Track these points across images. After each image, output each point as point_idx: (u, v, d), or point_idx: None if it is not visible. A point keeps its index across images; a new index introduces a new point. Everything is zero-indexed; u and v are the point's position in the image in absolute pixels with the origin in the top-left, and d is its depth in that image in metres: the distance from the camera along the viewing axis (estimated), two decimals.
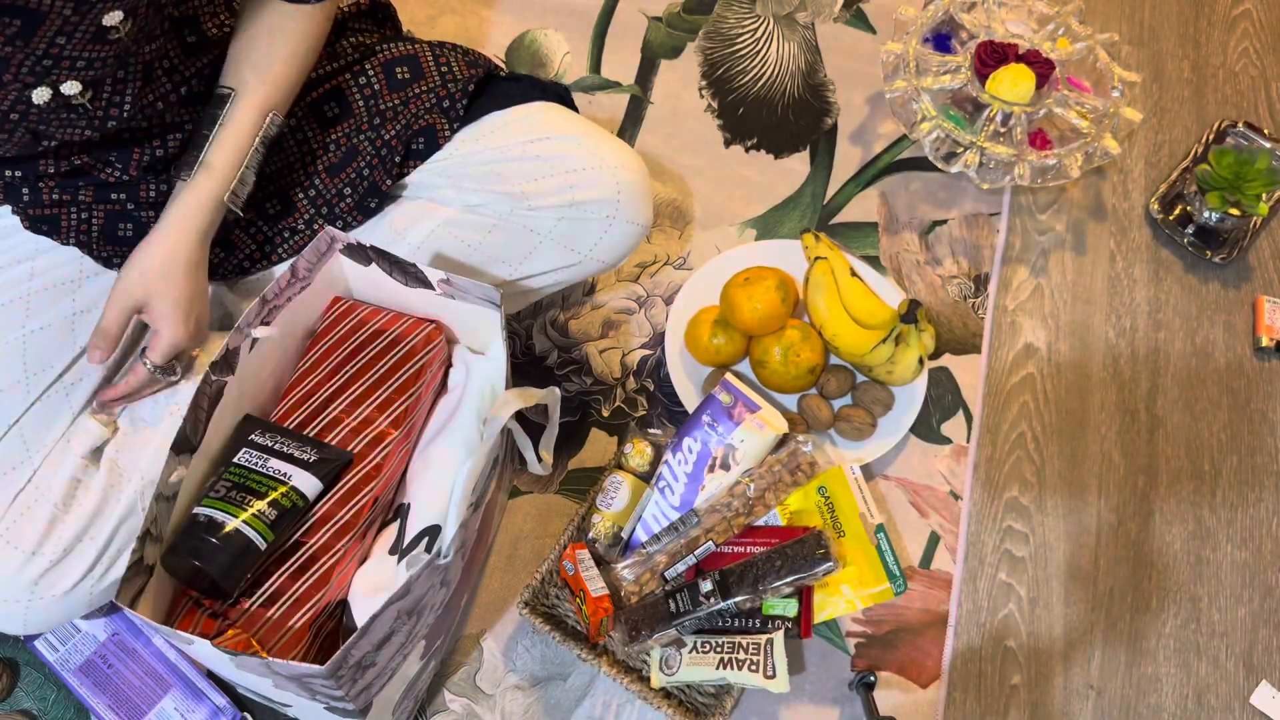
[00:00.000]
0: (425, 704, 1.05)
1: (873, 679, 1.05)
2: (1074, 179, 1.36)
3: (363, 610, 0.87)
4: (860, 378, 1.23)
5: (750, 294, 1.16)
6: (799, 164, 1.43)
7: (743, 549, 1.06)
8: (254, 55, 0.91)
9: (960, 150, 1.35)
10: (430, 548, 0.88)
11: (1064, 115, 1.37)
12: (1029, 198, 1.44)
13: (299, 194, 1.03)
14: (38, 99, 0.78)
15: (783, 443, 1.10)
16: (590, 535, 1.07)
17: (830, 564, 0.98)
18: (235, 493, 0.84)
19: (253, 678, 0.77)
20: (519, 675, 1.07)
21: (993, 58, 1.37)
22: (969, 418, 1.26)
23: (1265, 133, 1.47)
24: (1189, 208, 1.40)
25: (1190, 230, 1.40)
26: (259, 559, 0.83)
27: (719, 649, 0.99)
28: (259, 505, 0.84)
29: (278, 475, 0.86)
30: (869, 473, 1.21)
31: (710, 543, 1.05)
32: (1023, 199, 1.43)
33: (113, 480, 0.92)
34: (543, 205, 1.00)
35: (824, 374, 1.21)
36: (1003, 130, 1.35)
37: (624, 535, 1.08)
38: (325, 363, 0.96)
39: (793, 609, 1.01)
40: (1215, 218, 1.38)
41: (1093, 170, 1.45)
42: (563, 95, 1.08)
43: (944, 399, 1.27)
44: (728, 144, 1.45)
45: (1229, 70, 1.58)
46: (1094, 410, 1.28)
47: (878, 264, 1.36)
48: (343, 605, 0.89)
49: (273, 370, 0.96)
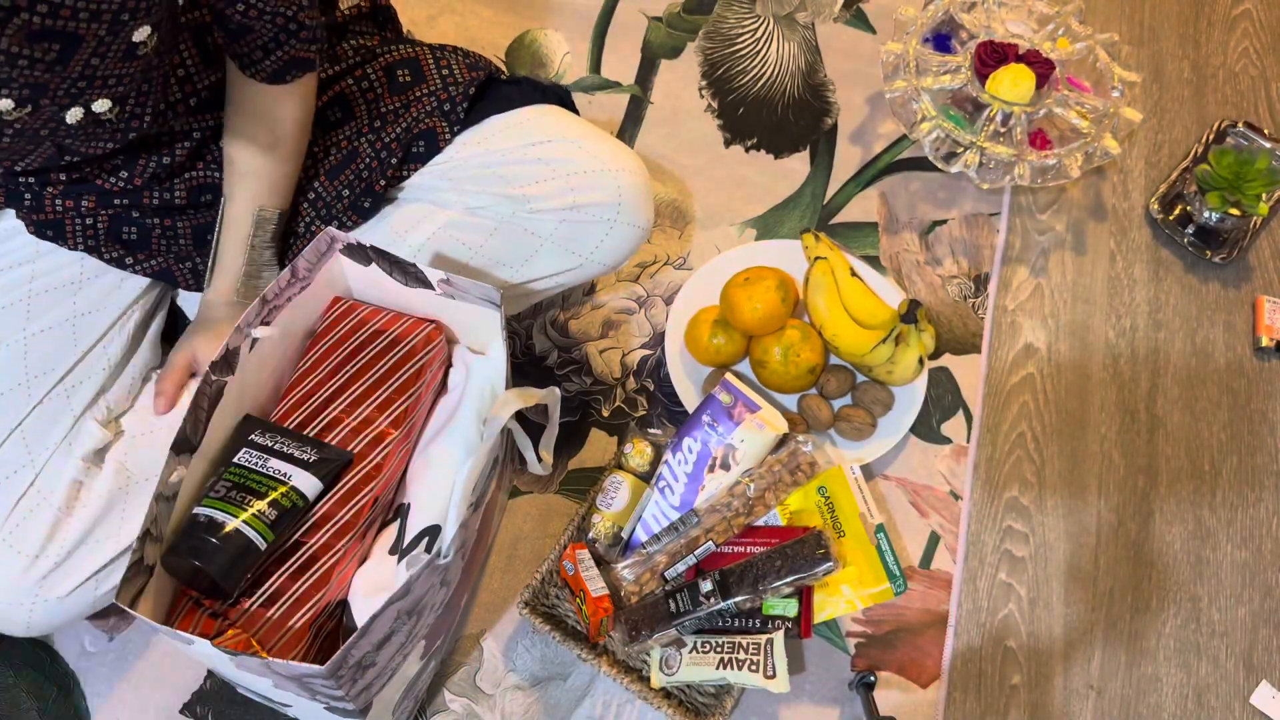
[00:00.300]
0: (425, 704, 1.05)
1: (873, 679, 1.05)
2: (1074, 179, 1.36)
3: (363, 610, 0.87)
4: (860, 378, 1.23)
5: (750, 294, 1.16)
6: (799, 164, 1.43)
7: (743, 549, 1.06)
8: (237, 148, 0.95)
9: (960, 150, 1.35)
10: (430, 548, 0.88)
11: (1064, 115, 1.37)
12: (1029, 198, 1.44)
13: (299, 198, 1.03)
14: (70, 119, 0.79)
15: (783, 443, 1.10)
16: (590, 535, 1.07)
17: (830, 564, 0.99)
18: (235, 493, 0.84)
19: (253, 678, 0.77)
20: (519, 675, 1.07)
21: (993, 58, 1.37)
22: (969, 418, 1.26)
23: (1265, 133, 1.47)
24: (1189, 208, 1.40)
25: (1190, 230, 1.40)
26: (259, 559, 0.83)
27: (719, 649, 0.99)
28: (259, 505, 0.84)
29: (278, 475, 0.86)
30: (869, 473, 1.21)
31: (710, 543, 1.05)
32: (1023, 199, 1.43)
33: (120, 483, 0.92)
34: (544, 208, 1.00)
35: (824, 374, 1.21)
36: (1003, 130, 1.35)
37: (624, 535, 1.08)
38: (325, 363, 0.96)
39: (793, 609, 1.01)
40: (1215, 218, 1.38)
41: (1093, 170, 1.45)
42: (563, 97, 1.07)
43: (944, 399, 1.27)
44: (728, 144, 1.45)
45: (1229, 70, 1.58)
46: (1094, 410, 1.28)
47: (878, 264, 1.36)
48: (343, 605, 0.89)
49: (273, 370, 0.96)
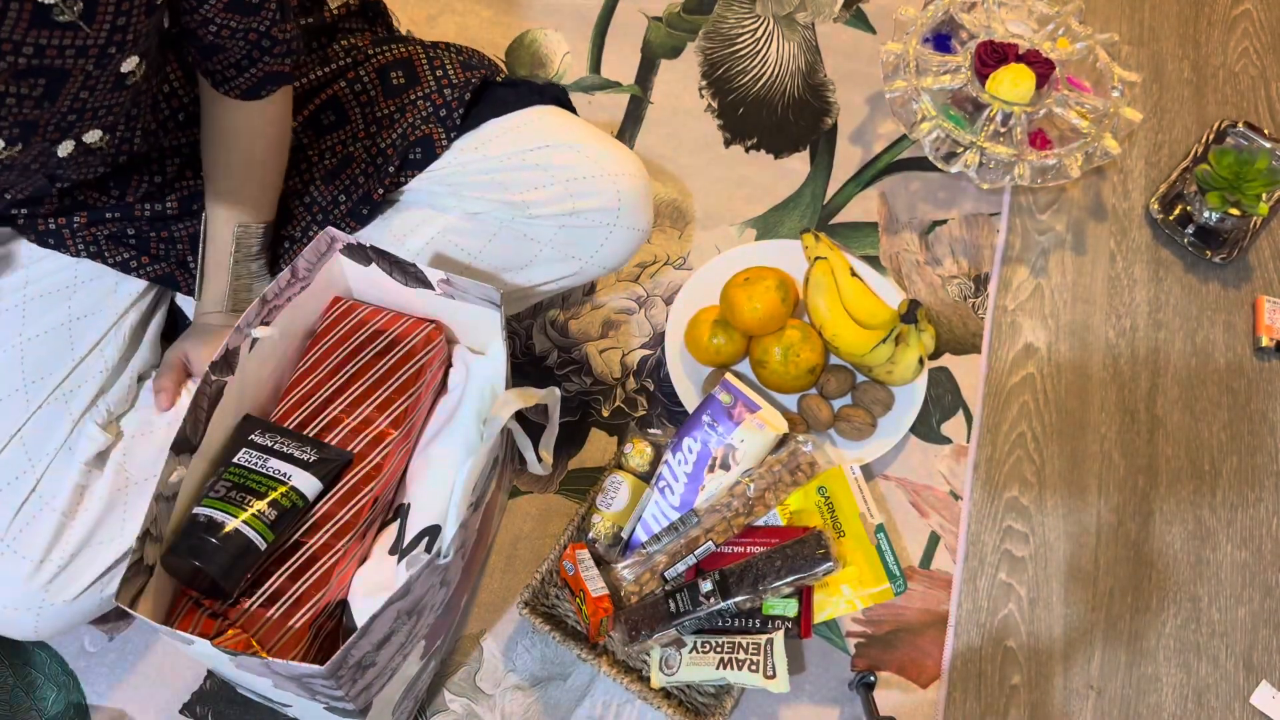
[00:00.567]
0: (425, 704, 1.05)
1: (873, 679, 1.05)
2: (1074, 179, 1.36)
3: (363, 610, 0.87)
4: (860, 378, 1.23)
5: (750, 294, 1.16)
6: (799, 164, 1.43)
7: (743, 549, 1.06)
8: (214, 167, 0.95)
9: (960, 150, 1.35)
10: (430, 548, 0.88)
11: (1064, 115, 1.37)
12: (1029, 198, 1.44)
13: (296, 203, 1.03)
14: (62, 152, 0.80)
15: (783, 443, 1.10)
16: (590, 535, 1.07)
17: (830, 564, 0.99)
18: (235, 493, 0.84)
19: (252, 678, 0.77)
20: (519, 675, 1.07)
21: (993, 58, 1.37)
22: (969, 418, 1.26)
23: (1265, 133, 1.47)
24: (1189, 208, 1.40)
25: (1190, 230, 1.40)
26: (259, 559, 0.83)
27: (719, 649, 0.99)
28: (259, 505, 0.84)
29: (277, 475, 0.86)
30: (869, 473, 1.21)
31: (710, 543, 1.05)
32: (1023, 199, 1.43)
33: (119, 484, 0.92)
34: (543, 214, 1.00)
35: (824, 374, 1.21)
36: (1003, 130, 1.35)
37: (624, 535, 1.08)
38: (325, 363, 0.96)
39: (793, 609, 1.01)
40: (1215, 218, 1.38)
41: (1093, 170, 1.45)
42: (560, 98, 1.07)
43: (944, 399, 1.27)
44: (728, 144, 1.45)
45: (1229, 70, 1.58)
46: (1094, 410, 1.28)
47: (878, 264, 1.36)
48: (343, 605, 0.89)
49: (273, 370, 0.96)
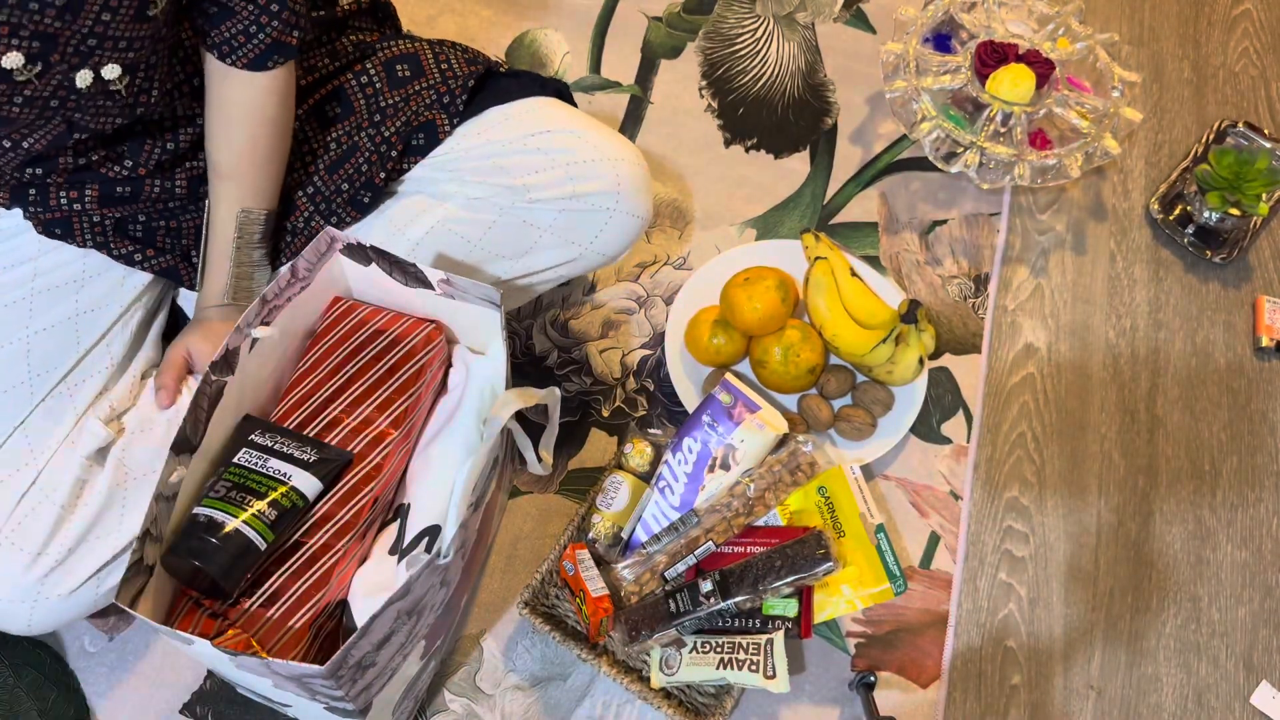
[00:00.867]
0: (425, 704, 1.05)
1: (873, 679, 1.05)
2: (1074, 179, 1.36)
3: (363, 610, 0.87)
4: (860, 378, 1.23)
5: (750, 294, 1.16)
6: (799, 164, 1.43)
7: (743, 549, 1.06)
8: (218, 149, 0.95)
9: (960, 150, 1.35)
10: (430, 548, 0.88)
11: (1064, 115, 1.37)
12: (1029, 198, 1.44)
13: (299, 193, 1.03)
14: (80, 82, 0.80)
15: (783, 443, 1.10)
16: (590, 535, 1.07)
17: (830, 564, 0.98)
18: (235, 493, 0.84)
19: (253, 678, 0.77)
20: (519, 675, 1.07)
21: (993, 58, 1.37)
22: (969, 418, 1.26)
23: (1265, 133, 1.47)
24: (1189, 208, 1.40)
25: (1190, 230, 1.40)
26: (259, 559, 0.83)
27: (719, 649, 0.99)
28: (259, 505, 0.84)
29: (278, 475, 0.86)
30: (869, 473, 1.21)
31: (710, 543, 1.05)
32: (1023, 199, 1.43)
33: (118, 480, 0.92)
34: (543, 197, 1.01)
35: (824, 374, 1.21)
36: (1003, 130, 1.35)
37: (624, 535, 1.08)
38: (325, 363, 0.96)
39: (793, 609, 1.01)
40: (1215, 218, 1.38)
41: (1093, 170, 1.45)
42: (562, 91, 1.08)
43: (944, 399, 1.27)
44: (728, 144, 1.45)
45: (1229, 70, 1.58)
46: (1094, 410, 1.28)
47: (878, 264, 1.36)
48: (343, 605, 0.89)
49: (273, 370, 0.96)
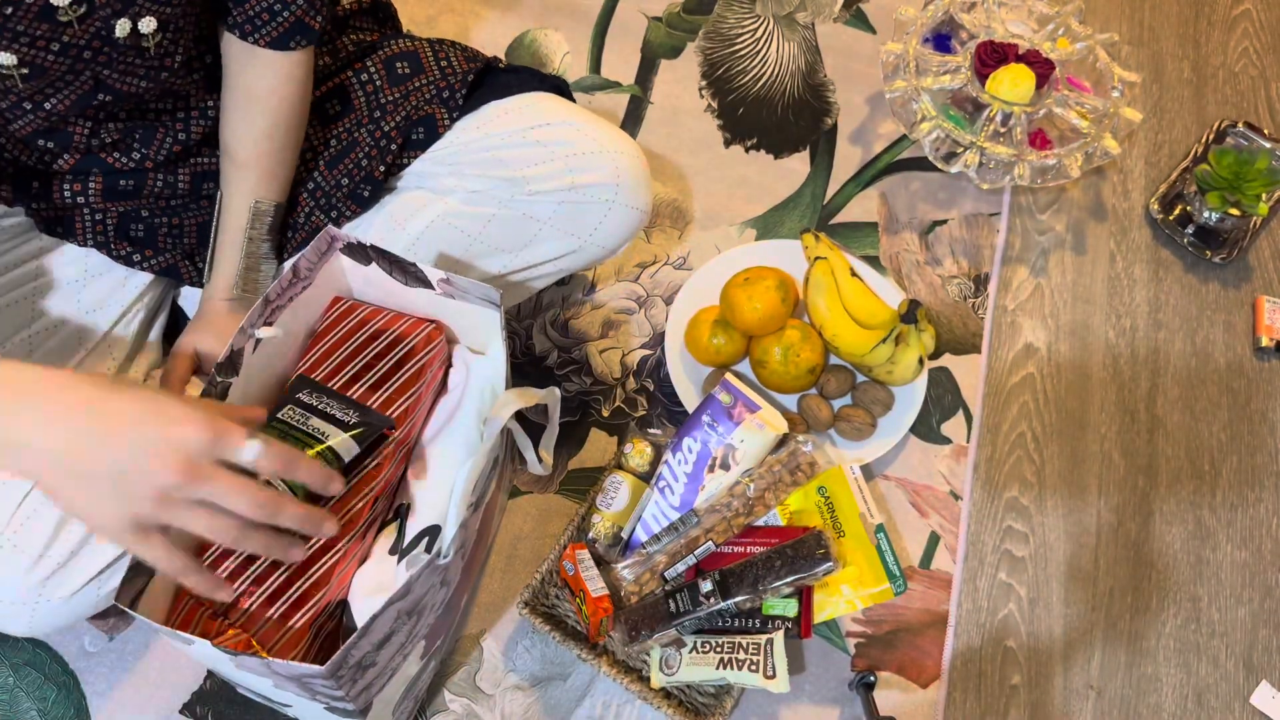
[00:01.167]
0: (425, 704, 1.05)
1: (873, 679, 1.05)
2: (1074, 179, 1.36)
3: (363, 610, 0.87)
4: (860, 378, 1.23)
5: (750, 294, 1.16)
6: (799, 164, 1.43)
7: (743, 549, 1.06)
8: (235, 137, 0.95)
9: (960, 150, 1.35)
10: (430, 548, 0.88)
11: (1064, 115, 1.37)
12: (1029, 198, 1.44)
13: (299, 189, 1.03)
14: (120, 31, 0.81)
15: (783, 443, 1.10)
16: (590, 535, 1.07)
17: (830, 564, 0.98)
18: None
19: (253, 678, 0.77)
20: (519, 675, 1.07)
21: (993, 58, 1.37)
22: (969, 418, 1.26)
23: (1265, 133, 1.47)
24: (1189, 208, 1.40)
25: (1190, 230, 1.40)
26: None
27: (719, 649, 0.99)
28: None
29: (316, 434, 0.87)
30: (869, 473, 1.21)
31: (710, 543, 1.05)
32: (1023, 199, 1.43)
33: None
34: (542, 190, 1.01)
35: (824, 374, 1.21)
36: (1003, 130, 1.35)
37: (624, 535, 1.08)
38: (326, 363, 0.96)
39: (793, 609, 1.01)
40: (1215, 218, 1.38)
41: (1093, 170, 1.45)
42: (561, 87, 1.08)
43: (944, 399, 1.27)
44: (728, 144, 1.45)
45: (1229, 70, 1.58)
46: (1094, 410, 1.28)
47: (878, 264, 1.36)
48: (343, 605, 0.89)
49: (275, 371, 0.96)
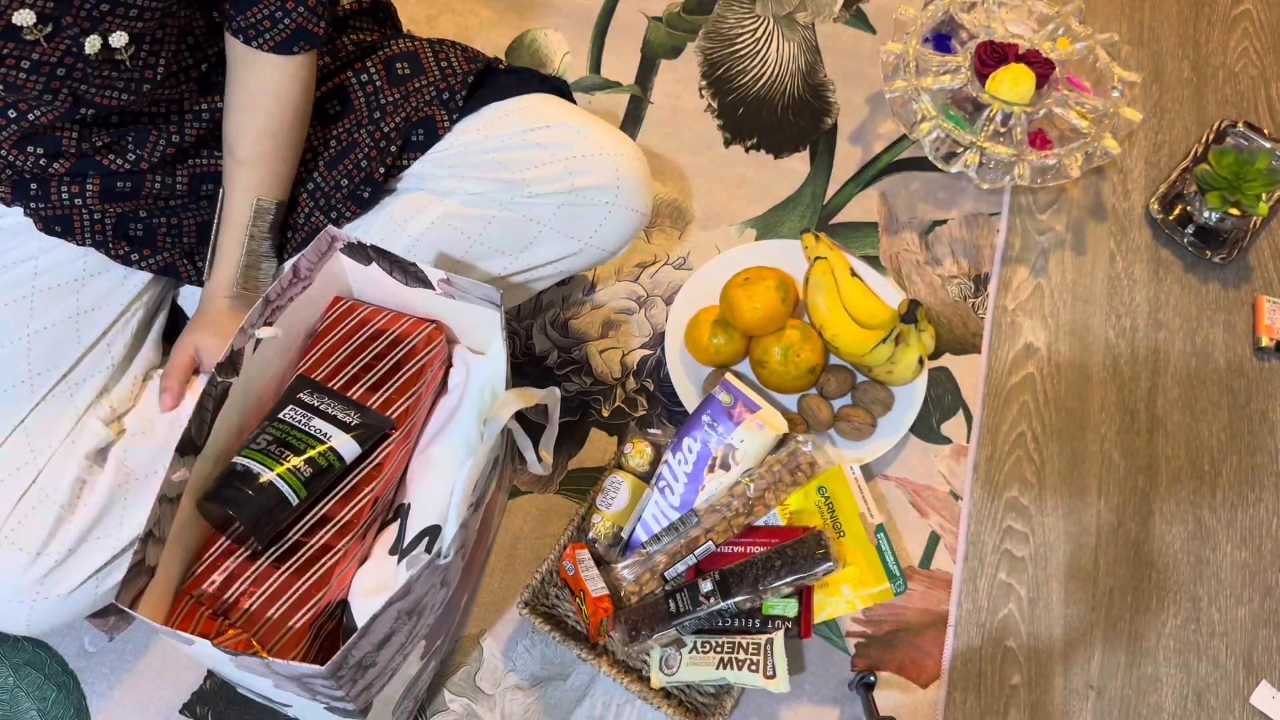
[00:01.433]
0: (425, 704, 1.05)
1: (873, 679, 1.05)
2: (1074, 179, 1.36)
3: (363, 610, 0.87)
4: (860, 378, 1.23)
5: (750, 294, 1.16)
6: (799, 164, 1.43)
7: (743, 549, 1.06)
8: (238, 135, 0.95)
9: (960, 150, 1.35)
10: (430, 548, 0.88)
11: (1064, 115, 1.37)
12: (1029, 198, 1.44)
13: (299, 189, 1.03)
14: (89, 48, 0.80)
15: (783, 443, 1.10)
16: (590, 535, 1.07)
17: (830, 564, 0.99)
18: (275, 446, 0.86)
19: (253, 678, 0.77)
20: (519, 675, 1.08)
21: (993, 58, 1.37)
22: (969, 418, 1.26)
23: (1265, 133, 1.47)
24: (1189, 208, 1.40)
25: (1190, 230, 1.40)
26: (290, 513, 0.86)
27: (719, 649, 1.00)
28: (296, 461, 0.86)
29: (318, 434, 0.88)
30: (869, 473, 1.21)
31: (710, 543, 1.05)
32: (1023, 199, 1.43)
33: (119, 481, 0.92)
34: (543, 192, 1.01)
35: (824, 374, 1.21)
36: (1003, 130, 1.35)
37: (624, 535, 1.08)
38: (326, 363, 0.96)
39: (793, 609, 1.01)
40: (1215, 218, 1.38)
41: (1093, 170, 1.45)
42: (561, 88, 1.08)
43: (944, 399, 1.27)
44: (728, 144, 1.45)
45: (1229, 70, 1.58)
46: (1094, 410, 1.28)
47: (878, 264, 1.36)
48: (343, 605, 0.89)
49: (275, 371, 0.96)
